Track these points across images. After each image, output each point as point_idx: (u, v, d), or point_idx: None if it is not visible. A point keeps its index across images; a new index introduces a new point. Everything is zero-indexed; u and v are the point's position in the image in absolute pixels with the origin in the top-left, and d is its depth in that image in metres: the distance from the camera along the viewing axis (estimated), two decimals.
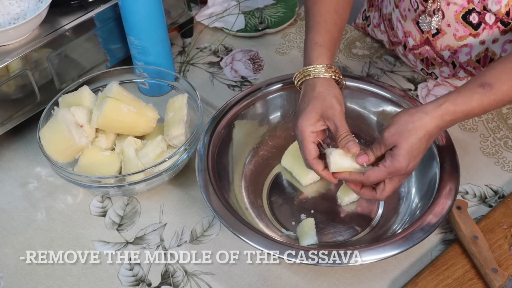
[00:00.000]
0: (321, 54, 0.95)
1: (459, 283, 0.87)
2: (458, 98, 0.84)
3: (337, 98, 0.91)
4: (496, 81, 0.84)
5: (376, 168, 0.85)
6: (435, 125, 0.84)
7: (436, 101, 0.85)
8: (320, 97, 0.91)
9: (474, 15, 0.99)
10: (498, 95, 0.84)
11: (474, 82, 0.85)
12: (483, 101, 0.84)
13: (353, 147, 0.87)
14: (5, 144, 1.12)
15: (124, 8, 1.07)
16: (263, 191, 1.02)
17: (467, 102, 0.84)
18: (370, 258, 0.83)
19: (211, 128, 1.00)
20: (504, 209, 0.95)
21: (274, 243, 0.84)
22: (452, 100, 0.84)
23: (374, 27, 1.26)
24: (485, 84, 0.84)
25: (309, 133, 0.90)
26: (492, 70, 0.86)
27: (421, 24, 1.05)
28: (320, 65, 0.93)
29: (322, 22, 0.97)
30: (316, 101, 0.91)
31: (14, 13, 1.04)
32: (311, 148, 0.90)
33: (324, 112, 0.90)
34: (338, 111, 0.90)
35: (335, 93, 0.91)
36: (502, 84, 0.84)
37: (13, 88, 1.03)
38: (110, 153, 1.00)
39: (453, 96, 0.84)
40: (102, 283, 0.92)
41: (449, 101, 0.84)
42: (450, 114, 0.84)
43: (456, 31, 1.03)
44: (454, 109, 0.84)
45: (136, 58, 1.14)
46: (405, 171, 0.85)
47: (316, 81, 0.93)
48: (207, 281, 0.91)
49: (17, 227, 1.00)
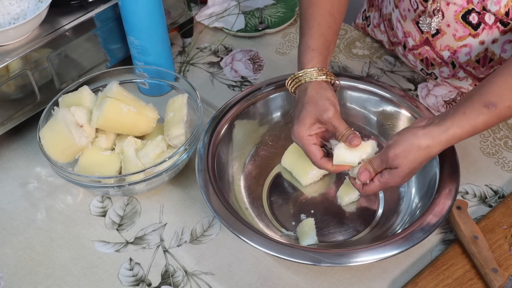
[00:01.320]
0: (312, 58, 0.95)
1: (459, 283, 0.87)
2: (464, 121, 0.84)
3: (330, 99, 0.91)
4: (500, 99, 0.84)
5: (372, 183, 0.88)
6: (439, 150, 0.85)
7: (443, 124, 0.85)
8: (313, 102, 0.91)
9: (473, 15, 0.99)
10: (501, 113, 0.85)
11: (478, 101, 0.85)
12: (488, 121, 0.85)
13: (354, 139, 0.88)
14: (5, 144, 1.12)
15: (124, 8, 1.07)
16: (263, 191, 1.02)
17: (473, 124, 0.84)
18: (370, 258, 0.83)
19: (211, 128, 1.00)
20: (504, 209, 0.95)
21: (274, 243, 0.84)
22: (459, 124, 0.84)
23: (374, 27, 1.26)
24: (490, 104, 0.84)
25: (307, 137, 0.91)
26: (494, 87, 0.85)
27: (421, 25, 1.05)
28: (311, 68, 0.94)
29: (316, 26, 0.98)
30: (309, 106, 0.91)
31: (14, 13, 1.04)
32: (314, 150, 0.91)
33: (319, 116, 0.90)
34: (333, 113, 0.90)
35: (327, 95, 0.92)
36: (505, 101, 0.84)
37: (13, 88, 1.03)
38: (110, 153, 1.00)
39: (459, 118, 0.84)
40: (102, 283, 0.92)
41: (455, 125, 0.84)
42: (457, 138, 0.85)
43: (455, 31, 1.03)
44: (461, 133, 0.84)
45: (136, 58, 1.14)
46: (395, 185, 0.88)
47: (307, 85, 0.93)
48: (207, 281, 0.91)
49: (17, 227, 1.00)
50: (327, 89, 0.93)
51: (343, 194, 0.98)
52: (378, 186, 0.88)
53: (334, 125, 0.89)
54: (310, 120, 0.91)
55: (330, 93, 0.92)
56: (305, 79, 0.93)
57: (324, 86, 0.93)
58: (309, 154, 0.91)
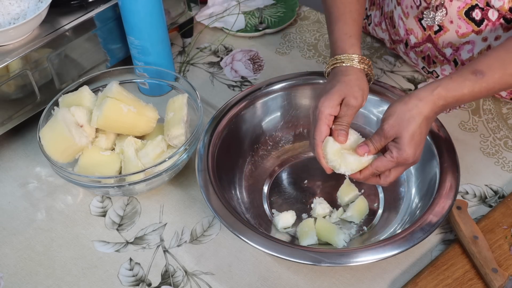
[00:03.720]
0: (353, 45, 0.95)
1: (459, 283, 0.87)
2: (450, 83, 0.85)
3: (364, 91, 0.91)
4: (488, 69, 0.85)
5: (384, 158, 0.86)
6: (429, 109, 0.85)
7: (429, 86, 0.86)
8: (349, 84, 0.91)
9: (477, 11, 0.99)
10: (489, 83, 0.85)
11: (466, 69, 0.87)
12: (474, 88, 0.86)
13: (342, 136, 0.88)
14: (5, 144, 1.12)
15: (124, 8, 1.07)
16: (263, 191, 1.02)
17: (458, 88, 0.85)
18: (370, 258, 0.83)
19: (211, 128, 1.00)
20: (504, 209, 0.95)
21: (274, 243, 0.84)
22: (445, 86, 0.85)
23: (375, 26, 1.26)
24: (477, 71, 0.86)
25: (327, 114, 0.89)
26: (485, 58, 0.87)
27: (425, 19, 1.05)
28: (354, 55, 0.94)
29: (348, 13, 0.98)
30: (344, 85, 0.90)
31: (14, 13, 1.04)
32: (324, 130, 0.89)
33: (347, 97, 0.89)
34: (359, 104, 0.90)
35: (363, 86, 0.91)
36: (494, 72, 0.86)
37: (13, 88, 1.03)
38: (110, 153, 1.00)
39: (445, 81, 0.86)
40: (102, 283, 0.92)
41: (441, 87, 0.85)
42: (442, 99, 0.85)
43: (458, 27, 1.03)
44: (446, 94, 0.85)
45: (136, 58, 1.14)
46: (412, 159, 0.85)
47: (348, 68, 0.93)
48: (207, 281, 0.91)
49: (17, 227, 1.00)
50: (365, 81, 0.93)
51: (343, 194, 0.98)
52: (392, 163, 0.85)
53: (348, 113, 0.89)
54: (338, 98, 0.89)
55: (366, 85, 0.92)
56: (347, 62, 0.93)
57: (362, 76, 0.93)
58: (316, 131, 0.89)
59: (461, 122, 1.11)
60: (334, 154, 0.87)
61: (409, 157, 0.85)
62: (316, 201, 0.97)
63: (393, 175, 0.88)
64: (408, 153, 0.84)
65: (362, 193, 0.99)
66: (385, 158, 0.86)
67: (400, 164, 0.86)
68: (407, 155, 0.85)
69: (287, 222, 0.95)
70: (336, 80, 0.91)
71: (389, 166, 0.86)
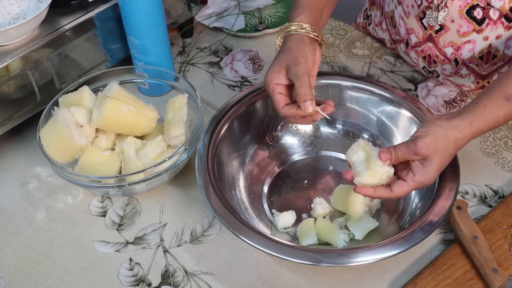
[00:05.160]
0: (300, 14, 0.95)
1: (459, 283, 0.87)
2: (486, 114, 0.85)
3: (304, 53, 0.91)
4: None
5: (405, 184, 0.84)
6: (465, 142, 0.85)
7: (466, 117, 0.85)
8: (287, 51, 0.92)
9: (478, 10, 0.99)
10: None
11: (498, 94, 0.86)
12: (509, 113, 0.86)
13: (309, 107, 0.87)
14: (5, 144, 1.12)
15: (124, 8, 1.07)
16: (263, 191, 1.02)
17: (495, 118, 0.85)
18: (370, 258, 0.83)
19: (211, 128, 1.00)
20: (504, 209, 0.95)
21: (274, 243, 0.84)
22: (481, 117, 0.85)
23: (376, 26, 1.26)
24: (510, 96, 0.85)
25: (273, 85, 0.91)
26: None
27: (428, 18, 1.05)
28: (297, 23, 0.94)
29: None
30: (282, 55, 0.92)
31: (14, 13, 1.04)
32: (278, 98, 0.91)
33: (288, 65, 0.90)
34: (302, 66, 0.89)
35: (303, 49, 0.91)
36: None
37: (13, 88, 1.03)
38: (110, 153, 1.00)
39: (480, 111, 0.85)
40: (102, 283, 0.92)
41: (478, 119, 0.85)
42: (480, 131, 0.85)
43: (459, 27, 1.03)
44: (483, 125, 0.85)
45: (136, 58, 1.14)
46: (430, 183, 0.85)
47: (289, 37, 0.94)
48: (207, 281, 0.91)
49: (17, 227, 1.00)
50: (306, 44, 0.92)
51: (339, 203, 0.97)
52: (412, 186, 0.84)
53: (297, 80, 0.88)
54: (279, 68, 0.90)
55: (307, 48, 0.92)
56: (289, 32, 0.94)
57: (304, 41, 0.93)
58: (274, 103, 0.91)
59: None
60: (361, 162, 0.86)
61: (430, 181, 0.84)
62: (316, 201, 0.97)
63: (405, 190, 0.85)
64: (431, 178, 0.84)
65: None
66: (406, 183, 0.84)
67: (418, 187, 0.85)
68: (429, 180, 0.84)
69: (287, 222, 0.95)
70: (279, 52, 0.94)
71: (408, 190, 0.85)
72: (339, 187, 0.97)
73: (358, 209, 0.92)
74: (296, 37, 0.93)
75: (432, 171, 0.83)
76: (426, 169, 0.83)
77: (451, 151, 0.84)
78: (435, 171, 0.84)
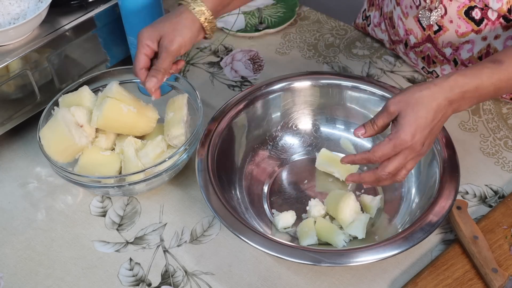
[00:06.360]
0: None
1: (459, 283, 0.87)
2: (467, 70, 0.82)
3: (184, 39, 0.92)
4: (507, 58, 0.83)
5: (381, 142, 0.81)
6: (444, 96, 0.80)
7: (445, 74, 0.83)
8: (174, 25, 0.92)
9: (476, 10, 0.99)
10: (509, 71, 0.82)
11: (484, 60, 0.85)
12: (493, 75, 0.82)
13: (150, 83, 0.91)
14: (5, 144, 1.12)
15: (124, 8, 1.07)
16: (263, 191, 1.02)
17: (477, 74, 0.82)
18: (370, 258, 0.83)
19: (211, 128, 1.00)
20: (504, 209, 0.95)
21: (274, 243, 0.84)
22: (462, 72, 0.82)
23: (375, 26, 1.26)
24: (496, 60, 0.83)
25: (144, 44, 0.92)
26: (505, 50, 0.86)
27: (421, 18, 1.05)
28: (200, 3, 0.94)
29: None
30: (168, 24, 0.93)
31: (14, 13, 1.04)
32: (142, 59, 0.93)
33: (163, 37, 0.91)
34: (171, 49, 0.91)
35: (186, 34, 0.92)
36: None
37: (13, 88, 1.03)
38: (110, 153, 1.00)
39: (462, 70, 0.83)
40: (102, 283, 0.92)
41: (458, 73, 0.82)
42: (459, 86, 0.81)
43: (458, 27, 1.03)
44: (463, 80, 0.81)
45: None
46: (410, 143, 0.79)
47: (185, 12, 0.94)
48: (207, 281, 0.91)
49: (17, 227, 1.00)
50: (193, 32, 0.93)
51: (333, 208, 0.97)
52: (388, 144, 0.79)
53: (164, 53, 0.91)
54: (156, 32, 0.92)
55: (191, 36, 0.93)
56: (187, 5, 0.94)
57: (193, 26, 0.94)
58: (135, 60, 0.93)
59: (461, 122, 1.11)
60: None
61: (407, 139, 0.79)
62: (311, 203, 0.96)
63: (392, 165, 0.81)
64: (406, 134, 0.78)
65: None
66: (383, 142, 0.80)
67: (396, 147, 0.79)
68: (404, 136, 0.78)
69: (287, 222, 0.95)
70: (166, 16, 0.94)
71: (385, 149, 0.80)
72: (332, 193, 0.97)
73: (347, 216, 0.92)
74: (191, 18, 0.94)
75: (407, 125, 0.79)
76: (400, 125, 0.79)
77: (427, 104, 0.79)
78: (409, 125, 0.79)
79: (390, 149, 0.80)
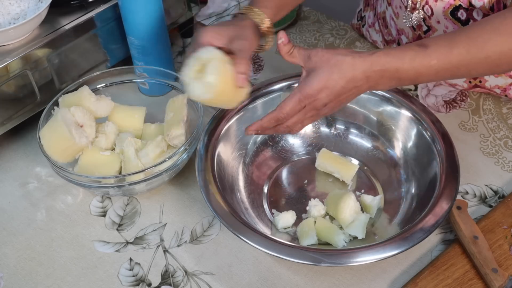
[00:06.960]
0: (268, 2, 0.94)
1: (459, 283, 0.87)
2: (392, 50, 0.82)
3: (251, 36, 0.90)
4: (433, 43, 0.82)
5: (287, 98, 0.83)
6: (362, 69, 0.81)
7: (374, 50, 0.83)
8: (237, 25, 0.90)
9: (461, 11, 0.99)
10: (432, 58, 0.81)
11: (412, 43, 0.83)
12: (415, 59, 0.81)
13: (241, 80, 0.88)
14: (5, 144, 1.12)
15: (124, 8, 1.07)
16: (263, 191, 1.02)
17: (400, 55, 0.81)
18: (370, 258, 0.83)
19: (211, 128, 1.00)
20: (504, 209, 0.95)
21: (274, 243, 0.84)
22: (387, 51, 0.81)
23: (369, 27, 1.26)
24: (422, 44, 0.82)
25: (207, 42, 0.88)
26: (435, 37, 0.84)
27: (405, 19, 1.05)
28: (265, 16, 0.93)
29: None
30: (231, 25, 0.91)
31: (14, 13, 1.04)
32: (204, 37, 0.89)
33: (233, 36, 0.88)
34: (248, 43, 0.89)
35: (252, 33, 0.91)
36: (439, 47, 0.81)
37: (13, 88, 1.03)
38: (110, 153, 1.00)
39: (389, 48, 0.82)
40: (102, 283, 0.92)
41: (383, 51, 0.82)
42: (381, 64, 0.81)
43: (445, 28, 1.03)
44: (385, 59, 0.81)
45: (136, 58, 1.14)
46: (314, 98, 0.81)
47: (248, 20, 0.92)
48: (207, 281, 0.91)
49: (17, 227, 1.00)
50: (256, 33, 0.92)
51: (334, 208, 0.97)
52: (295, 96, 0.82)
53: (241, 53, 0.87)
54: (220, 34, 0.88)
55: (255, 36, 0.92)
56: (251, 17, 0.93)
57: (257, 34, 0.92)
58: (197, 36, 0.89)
59: (461, 122, 1.11)
60: None
61: (312, 92, 0.80)
62: (311, 203, 0.97)
63: (292, 120, 0.83)
64: (312, 89, 0.80)
65: None
66: (288, 96, 0.83)
67: (302, 102, 0.82)
68: (310, 89, 0.80)
69: (287, 222, 0.95)
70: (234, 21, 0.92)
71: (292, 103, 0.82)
72: (332, 193, 0.97)
73: (347, 216, 0.93)
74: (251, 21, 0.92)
75: (316, 80, 0.80)
76: (311, 77, 0.81)
77: (344, 71, 0.80)
78: (320, 81, 0.80)
79: (296, 103, 0.83)
